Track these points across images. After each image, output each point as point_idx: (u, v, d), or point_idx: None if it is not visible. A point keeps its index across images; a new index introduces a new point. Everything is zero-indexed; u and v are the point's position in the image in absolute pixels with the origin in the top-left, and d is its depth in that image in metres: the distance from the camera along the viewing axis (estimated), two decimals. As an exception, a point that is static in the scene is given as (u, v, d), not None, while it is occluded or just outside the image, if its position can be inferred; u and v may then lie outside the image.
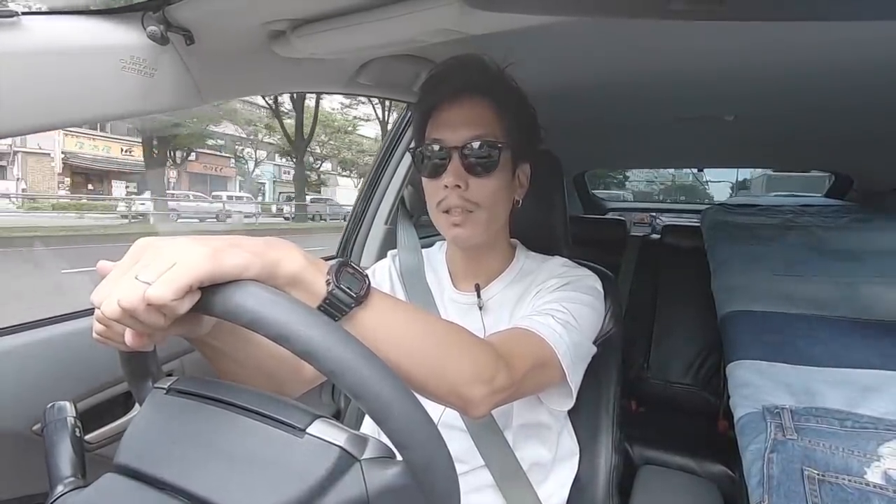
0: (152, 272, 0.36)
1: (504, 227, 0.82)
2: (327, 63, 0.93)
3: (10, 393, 0.68)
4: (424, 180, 0.76)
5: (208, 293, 0.37)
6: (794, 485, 0.77)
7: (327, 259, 0.46)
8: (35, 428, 0.68)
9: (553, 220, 0.92)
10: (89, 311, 0.78)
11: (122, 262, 0.39)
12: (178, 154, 18.18)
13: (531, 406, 0.76)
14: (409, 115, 1.35)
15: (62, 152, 15.97)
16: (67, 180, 16.42)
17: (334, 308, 0.43)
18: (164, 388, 0.44)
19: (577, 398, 0.70)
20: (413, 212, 1.19)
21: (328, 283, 0.43)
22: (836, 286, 1.27)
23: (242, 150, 20.95)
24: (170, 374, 0.48)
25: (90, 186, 17.27)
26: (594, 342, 0.74)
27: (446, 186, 0.71)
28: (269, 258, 0.41)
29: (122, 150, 18.32)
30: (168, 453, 0.40)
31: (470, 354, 0.54)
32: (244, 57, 0.80)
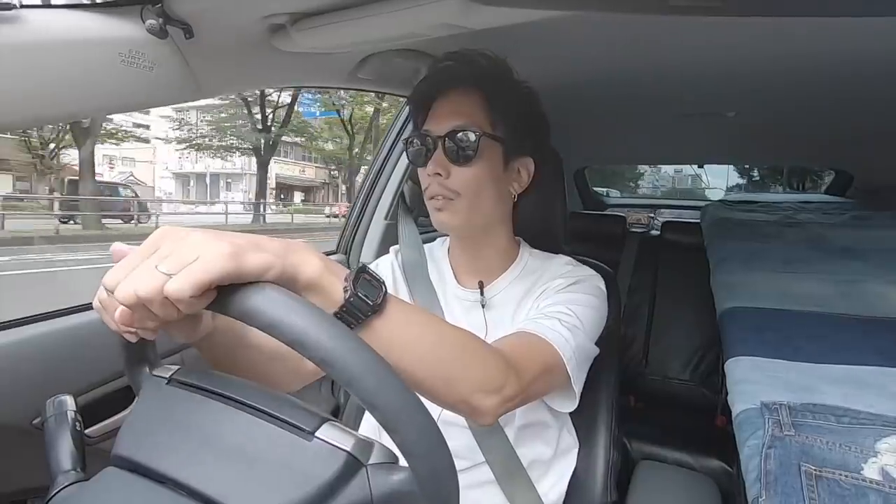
0: (173, 264, 0.35)
1: (501, 222, 0.81)
2: (327, 57, 0.92)
3: (10, 387, 0.68)
4: (417, 169, 0.78)
5: (226, 292, 0.37)
6: (791, 480, 0.77)
7: (327, 254, 0.46)
8: (35, 422, 0.68)
9: (553, 217, 0.92)
10: (89, 306, 0.78)
11: (141, 249, 0.38)
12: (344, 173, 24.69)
13: (533, 406, 0.76)
14: (408, 110, 1.35)
15: (275, 174, 24.12)
16: (273, 192, 24.67)
17: (351, 315, 0.43)
18: (164, 378, 0.44)
19: None
20: (413, 207, 1.19)
21: (346, 291, 0.43)
22: (836, 283, 1.27)
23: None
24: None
25: (282, 196, 26.06)
26: (595, 341, 0.74)
27: (430, 174, 0.73)
28: (290, 261, 0.40)
29: (299, 170, 26.08)
30: (171, 447, 0.39)
31: (481, 364, 0.54)
32: (243, 51, 0.80)
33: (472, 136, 0.71)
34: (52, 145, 14.17)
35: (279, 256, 0.39)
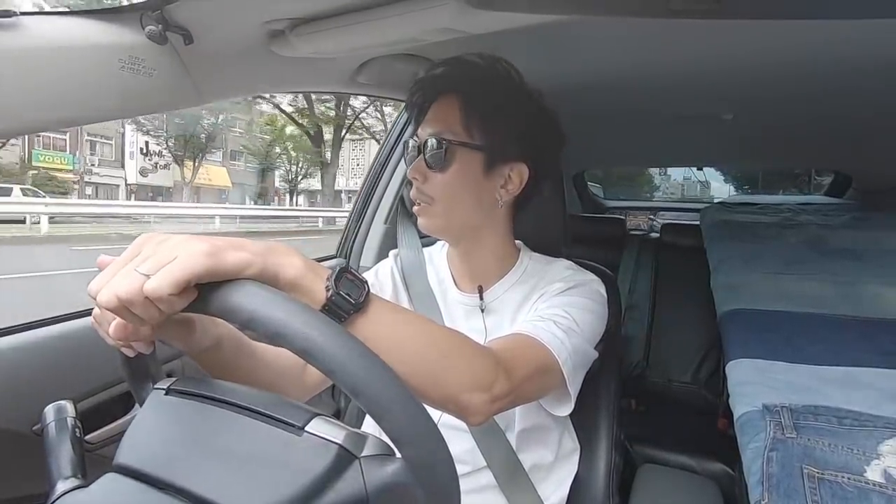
0: (152, 265, 0.36)
1: (492, 227, 0.79)
2: (326, 62, 0.93)
3: (10, 392, 0.68)
4: None
5: (206, 291, 0.37)
6: (793, 483, 0.77)
7: (323, 259, 0.46)
8: (35, 428, 0.68)
9: (552, 220, 0.92)
10: (89, 312, 0.78)
11: (123, 255, 0.39)
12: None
13: (533, 410, 0.76)
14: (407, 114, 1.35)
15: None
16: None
17: (333, 314, 0.43)
18: (163, 389, 0.44)
19: (576, 398, 0.70)
20: (412, 211, 1.18)
21: (328, 290, 0.43)
22: (836, 284, 1.27)
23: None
24: (170, 375, 0.48)
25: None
26: (595, 346, 0.73)
27: (410, 179, 0.76)
28: (270, 261, 0.41)
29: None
30: (168, 453, 0.40)
31: (469, 361, 0.54)
32: (243, 56, 0.80)
33: (442, 143, 0.72)
34: (300, 177, 23.35)
35: (259, 255, 0.40)
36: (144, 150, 20.24)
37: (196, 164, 19.86)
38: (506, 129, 0.74)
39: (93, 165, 19.22)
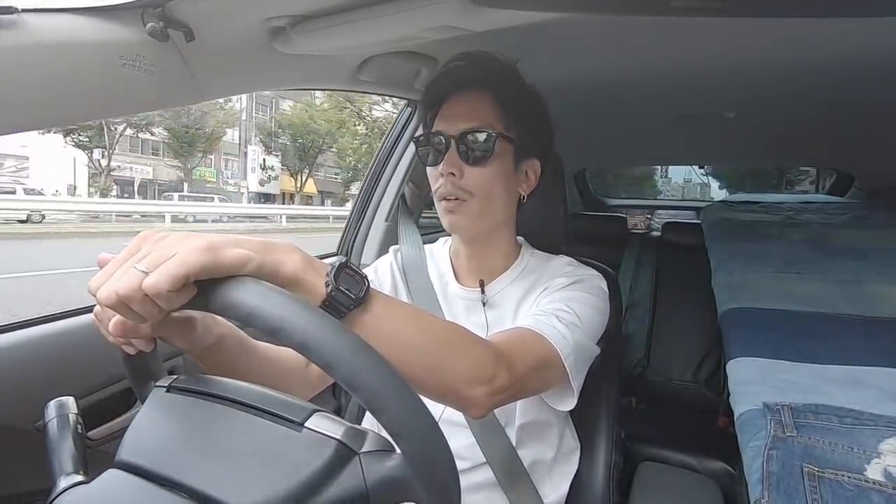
0: (150, 262, 0.36)
1: (507, 223, 0.81)
2: (328, 60, 0.93)
3: (12, 389, 0.68)
4: (427, 169, 0.78)
5: (205, 287, 0.37)
6: (793, 481, 0.77)
7: (324, 257, 0.47)
8: (37, 424, 0.68)
9: (554, 217, 0.92)
10: (91, 309, 0.78)
11: (123, 252, 0.39)
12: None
13: (534, 405, 0.76)
14: (408, 112, 1.35)
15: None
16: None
17: (333, 310, 0.43)
18: (164, 387, 0.44)
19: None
20: (413, 209, 1.19)
21: (327, 285, 0.43)
22: (838, 283, 1.27)
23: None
24: (172, 373, 0.49)
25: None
26: (597, 342, 0.73)
27: (442, 174, 0.73)
28: (269, 258, 0.41)
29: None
30: (169, 450, 0.40)
31: (470, 355, 0.54)
32: (244, 53, 0.80)
33: (488, 137, 0.71)
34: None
35: (258, 252, 0.40)
36: (263, 165, 26.20)
37: (304, 176, 25.88)
38: (528, 125, 0.75)
39: (228, 178, 26.23)
